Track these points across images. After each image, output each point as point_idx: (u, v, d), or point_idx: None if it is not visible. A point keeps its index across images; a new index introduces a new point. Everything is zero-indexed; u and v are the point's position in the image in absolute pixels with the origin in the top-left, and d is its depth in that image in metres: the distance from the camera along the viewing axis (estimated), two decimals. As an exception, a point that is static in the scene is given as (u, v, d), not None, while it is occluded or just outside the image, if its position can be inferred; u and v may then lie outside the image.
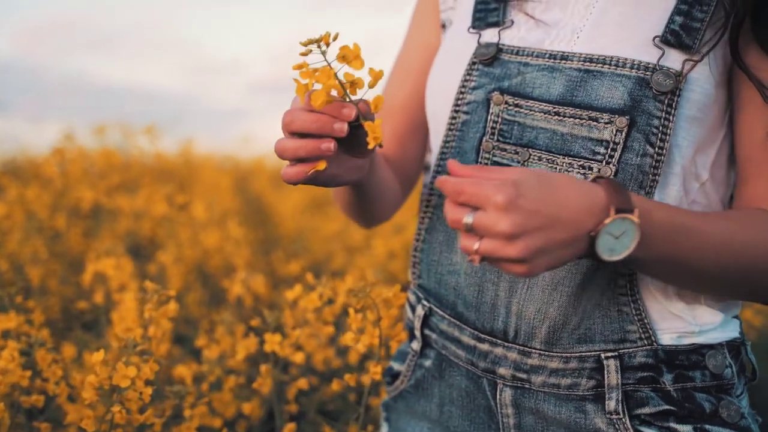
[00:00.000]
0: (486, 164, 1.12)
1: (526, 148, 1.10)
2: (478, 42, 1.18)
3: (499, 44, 1.16)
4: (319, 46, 0.94)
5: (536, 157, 1.09)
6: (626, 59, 1.06)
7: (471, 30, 1.20)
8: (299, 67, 0.95)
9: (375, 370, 1.23)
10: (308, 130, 0.97)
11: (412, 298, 1.26)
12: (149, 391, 1.21)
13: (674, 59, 1.05)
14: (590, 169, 1.06)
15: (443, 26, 1.31)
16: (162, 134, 3.22)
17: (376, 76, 0.97)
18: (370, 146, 0.97)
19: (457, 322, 1.16)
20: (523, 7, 1.18)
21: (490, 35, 1.18)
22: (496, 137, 1.12)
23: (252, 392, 1.68)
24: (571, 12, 1.14)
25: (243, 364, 1.64)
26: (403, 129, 1.34)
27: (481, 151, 1.13)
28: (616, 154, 1.05)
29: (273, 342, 1.45)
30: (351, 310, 1.22)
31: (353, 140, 1.01)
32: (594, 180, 0.95)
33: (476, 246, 0.89)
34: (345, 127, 0.96)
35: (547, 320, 1.09)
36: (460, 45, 1.20)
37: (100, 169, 3.08)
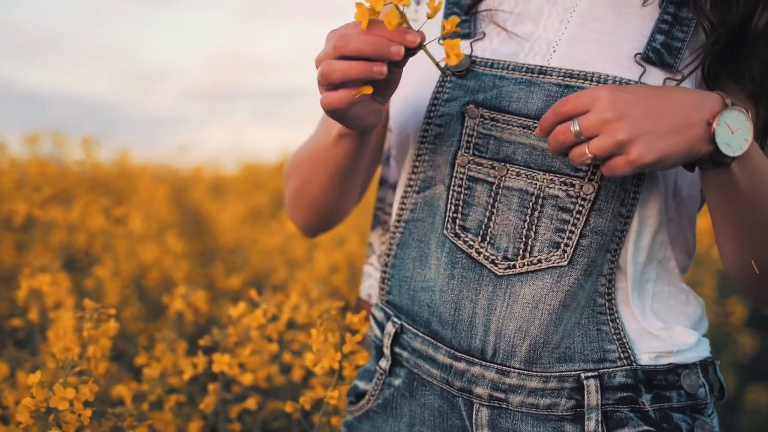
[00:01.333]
0: (461, 180, 1.12)
1: (503, 163, 1.10)
2: None
3: (471, 56, 1.14)
4: None
5: (514, 173, 1.09)
6: (608, 75, 1.06)
7: (439, 42, 1.18)
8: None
9: (331, 395, 1.21)
10: (364, 53, 0.97)
11: (380, 315, 1.22)
12: (88, 413, 1.18)
13: (655, 77, 1.06)
14: (572, 185, 1.06)
15: None
16: (96, 143, 3.14)
17: (435, 8, 0.99)
18: (453, 62, 0.99)
19: (432, 340, 1.13)
20: (493, 18, 1.17)
21: (461, 47, 1.15)
22: (471, 151, 1.11)
23: (193, 410, 1.65)
24: (544, 26, 1.14)
25: (182, 381, 1.61)
26: None
27: (456, 165, 1.12)
28: (599, 171, 1.05)
29: (222, 362, 1.42)
30: (313, 331, 1.19)
31: (382, 80, 1.00)
32: None
33: (587, 151, 0.96)
34: (402, 50, 0.97)
35: (527, 338, 1.07)
36: (427, 59, 1.19)
37: (32, 180, 2.99)
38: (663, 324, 1.10)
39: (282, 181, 5.07)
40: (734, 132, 0.97)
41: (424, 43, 0.99)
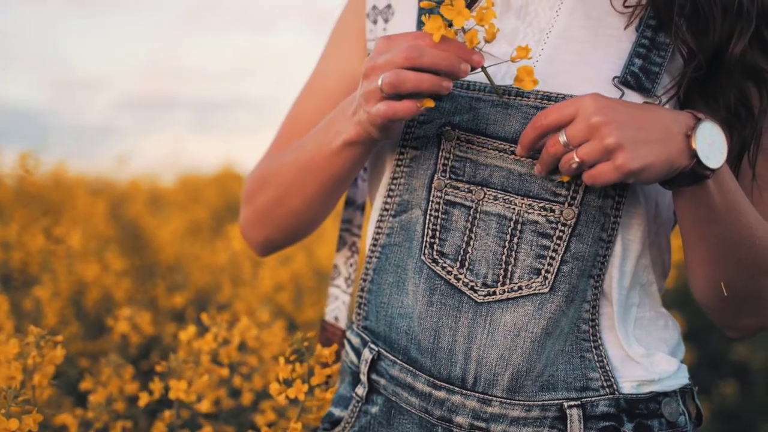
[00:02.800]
0: (438, 204, 1.10)
1: (480, 187, 1.08)
2: None
3: None
4: None
5: (491, 197, 1.07)
6: None
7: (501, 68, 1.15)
8: (432, 5, 0.99)
9: (295, 427, 1.18)
10: (438, 67, 0.98)
11: (356, 340, 1.18)
12: (33, 444, 1.14)
13: (633, 101, 1.05)
14: (552, 211, 1.05)
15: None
16: (34, 158, 3.06)
17: (493, 34, 1.00)
18: (528, 87, 1.00)
19: (410, 368, 1.10)
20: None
21: None
22: (448, 174, 1.09)
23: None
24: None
25: (137, 407, 1.57)
26: None
27: (433, 188, 1.10)
28: (579, 196, 1.05)
29: (178, 389, 1.39)
30: (281, 359, 1.16)
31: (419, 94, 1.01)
32: None
33: (575, 157, 0.96)
34: (469, 68, 0.99)
35: (510, 367, 1.05)
36: None
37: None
38: (645, 350, 1.10)
39: (220, 193, 4.96)
40: (710, 145, 0.98)
41: (485, 66, 1.01)
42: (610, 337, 1.09)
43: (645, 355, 1.09)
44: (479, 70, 1.00)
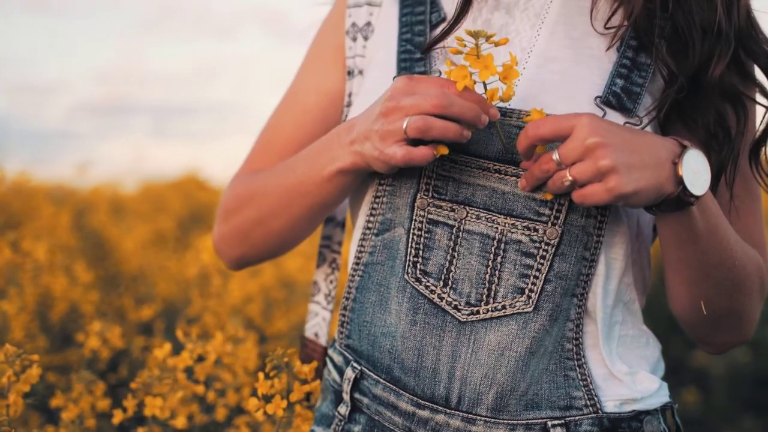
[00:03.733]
0: (420, 222, 1.10)
1: (462, 206, 1.08)
2: None
3: None
4: (477, 43, 1.00)
5: (474, 216, 1.08)
6: None
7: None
8: (459, 52, 1.01)
9: (274, 443, 1.18)
10: (463, 117, 1.00)
11: (339, 359, 1.18)
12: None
13: (615, 120, 1.06)
14: (535, 230, 1.06)
15: (349, 73, 1.27)
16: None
17: (510, 95, 1.03)
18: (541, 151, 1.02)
19: (394, 387, 1.10)
20: (448, 55, 1.15)
21: None
22: (430, 193, 1.09)
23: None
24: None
25: (110, 425, 1.55)
26: None
27: (416, 207, 1.10)
28: (562, 215, 1.05)
29: (154, 405, 1.38)
30: (260, 375, 1.15)
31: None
32: None
33: (568, 175, 0.97)
34: (487, 120, 1.01)
35: (494, 386, 1.06)
36: None
37: None
38: (628, 368, 1.11)
39: (184, 202, 4.91)
40: (696, 172, 0.99)
41: (497, 121, 1.04)
42: (593, 355, 1.09)
43: (628, 373, 1.11)
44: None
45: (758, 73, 1.14)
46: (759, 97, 1.14)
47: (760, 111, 1.15)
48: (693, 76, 1.09)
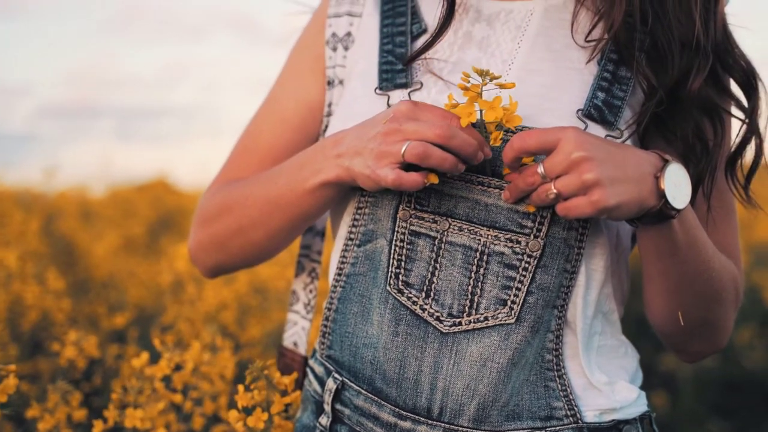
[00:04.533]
0: (403, 234, 1.10)
1: (444, 218, 1.09)
2: (388, 104, 1.14)
3: None
4: (484, 81, 1.03)
5: (456, 227, 1.08)
6: None
7: (378, 91, 1.17)
8: (465, 88, 1.03)
9: (251, 454, 1.17)
10: (462, 151, 1.01)
11: (320, 369, 1.18)
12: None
13: (596, 134, 1.07)
14: (518, 242, 1.06)
15: (329, 83, 1.27)
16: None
17: (496, 138, 1.04)
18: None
19: (376, 398, 1.10)
20: (429, 66, 1.16)
21: (398, 97, 1.15)
22: (413, 205, 1.10)
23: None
24: None
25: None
26: None
27: (398, 219, 1.10)
28: (544, 228, 1.06)
29: (134, 417, 1.37)
30: (240, 387, 1.15)
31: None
32: None
33: (553, 188, 0.99)
34: (482, 158, 1.04)
35: (476, 397, 1.06)
36: (365, 107, 1.16)
37: None
38: (607, 378, 1.12)
39: (153, 206, 4.88)
40: (677, 186, 1.01)
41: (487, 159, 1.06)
42: (573, 365, 1.11)
43: (607, 383, 1.12)
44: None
45: (734, 87, 1.16)
46: (734, 110, 1.15)
47: (735, 124, 1.17)
48: (672, 89, 1.10)
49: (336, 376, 1.14)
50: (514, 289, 1.07)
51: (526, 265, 1.07)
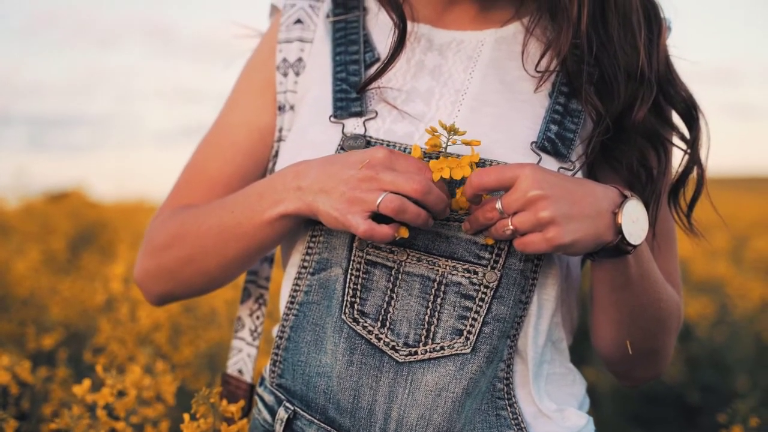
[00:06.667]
0: (359, 263, 1.10)
1: (402, 248, 1.09)
2: (343, 132, 1.14)
3: (366, 136, 1.13)
4: (449, 137, 1.06)
5: (414, 258, 1.09)
6: (506, 163, 1.08)
7: (332, 119, 1.16)
8: (435, 146, 1.06)
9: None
10: (435, 208, 1.03)
11: (270, 398, 1.16)
12: None
13: (549, 166, 1.09)
14: (475, 273, 1.07)
15: (280, 108, 1.26)
16: None
17: (462, 203, 1.07)
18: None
19: (328, 428, 1.10)
20: (383, 95, 1.16)
21: (353, 125, 1.15)
22: None
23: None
24: (436, 106, 1.15)
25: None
26: None
27: (354, 248, 1.10)
28: (501, 259, 1.07)
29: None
30: (186, 416, 1.13)
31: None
32: None
33: (510, 224, 1.00)
34: (448, 213, 1.06)
35: (430, 427, 1.06)
36: (319, 135, 1.16)
37: None
38: (556, 406, 1.14)
39: (72, 221, 4.75)
40: (634, 222, 1.03)
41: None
42: (522, 394, 1.12)
43: (557, 410, 1.14)
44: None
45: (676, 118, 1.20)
46: (676, 140, 1.19)
47: (677, 154, 1.20)
48: (618, 118, 1.13)
49: (288, 405, 1.14)
50: (470, 320, 1.08)
51: (483, 296, 1.08)
